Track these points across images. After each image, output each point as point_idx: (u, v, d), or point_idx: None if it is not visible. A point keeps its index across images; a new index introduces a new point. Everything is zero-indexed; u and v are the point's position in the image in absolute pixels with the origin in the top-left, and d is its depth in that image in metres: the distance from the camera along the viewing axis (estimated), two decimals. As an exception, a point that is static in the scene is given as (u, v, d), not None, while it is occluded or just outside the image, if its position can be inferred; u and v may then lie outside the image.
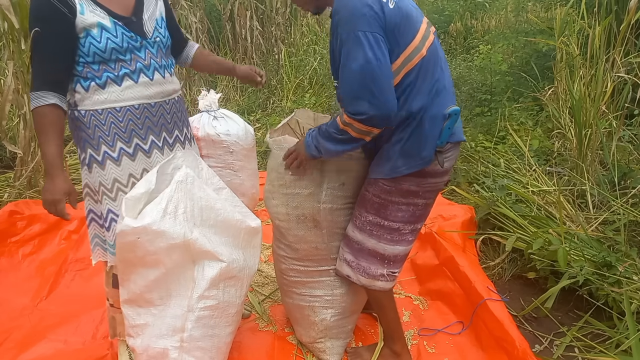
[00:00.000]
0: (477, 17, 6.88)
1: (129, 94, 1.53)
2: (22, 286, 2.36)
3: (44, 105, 1.43)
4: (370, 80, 1.39)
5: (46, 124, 1.44)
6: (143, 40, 1.54)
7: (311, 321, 1.90)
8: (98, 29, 1.45)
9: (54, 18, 1.40)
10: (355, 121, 1.45)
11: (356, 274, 1.75)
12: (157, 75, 1.59)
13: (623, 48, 3.25)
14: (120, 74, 1.51)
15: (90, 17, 1.44)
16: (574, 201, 2.82)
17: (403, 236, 1.69)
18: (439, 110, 1.54)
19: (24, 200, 2.93)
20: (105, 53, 1.47)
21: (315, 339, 1.92)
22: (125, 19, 1.51)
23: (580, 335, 2.01)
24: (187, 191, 1.56)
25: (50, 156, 1.45)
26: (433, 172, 1.59)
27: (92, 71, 1.49)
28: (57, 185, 1.48)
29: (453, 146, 1.63)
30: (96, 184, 1.60)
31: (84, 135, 1.55)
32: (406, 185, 1.60)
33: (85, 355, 1.91)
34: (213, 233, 1.65)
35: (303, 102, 5.00)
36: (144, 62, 1.55)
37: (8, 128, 3.56)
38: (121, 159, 1.57)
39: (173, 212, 1.54)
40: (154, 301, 1.67)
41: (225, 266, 1.64)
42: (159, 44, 1.61)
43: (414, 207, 1.65)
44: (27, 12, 2.87)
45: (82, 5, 1.44)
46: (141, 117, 1.58)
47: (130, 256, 1.56)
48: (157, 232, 1.52)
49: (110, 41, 1.47)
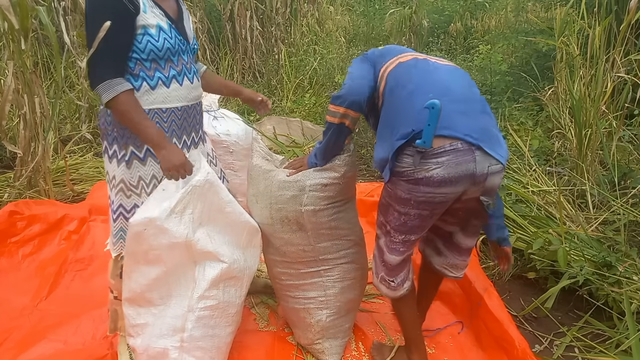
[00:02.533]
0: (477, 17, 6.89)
1: (174, 96, 1.62)
2: (22, 286, 2.36)
3: (127, 90, 1.50)
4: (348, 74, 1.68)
5: (136, 106, 1.52)
6: (187, 44, 1.65)
7: (307, 323, 1.90)
8: (156, 29, 1.53)
9: (120, 12, 1.46)
10: (330, 105, 1.63)
11: (374, 270, 1.75)
12: (195, 79, 1.70)
13: (623, 48, 3.24)
14: (169, 75, 1.59)
15: (151, 17, 1.52)
16: (574, 201, 2.82)
17: (393, 243, 1.61)
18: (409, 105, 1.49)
19: (24, 200, 2.93)
20: (160, 52, 1.54)
21: (313, 341, 1.91)
22: (176, 23, 1.61)
23: (580, 335, 2.01)
24: (201, 195, 1.59)
25: (153, 130, 1.53)
26: (424, 179, 1.44)
27: (145, 69, 1.55)
28: (174, 150, 1.56)
29: (453, 150, 1.42)
30: (135, 180, 1.65)
31: (127, 133, 1.60)
32: (399, 191, 1.52)
33: (85, 355, 1.91)
34: (217, 232, 1.66)
35: (303, 102, 5.00)
36: (186, 64, 1.64)
37: (8, 128, 3.56)
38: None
39: (180, 212, 1.57)
40: (154, 301, 1.68)
41: (226, 267, 1.65)
42: (195, 49, 1.73)
43: (405, 217, 1.54)
44: (27, 12, 2.88)
45: (144, 3, 1.51)
46: (181, 118, 1.66)
47: (136, 250, 1.59)
48: (161, 228, 1.55)
49: (167, 42, 1.55)
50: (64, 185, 3.44)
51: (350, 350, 1.98)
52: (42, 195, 3.16)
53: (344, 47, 6.24)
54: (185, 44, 1.64)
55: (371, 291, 2.35)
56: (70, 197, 3.36)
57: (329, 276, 1.85)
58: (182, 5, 1.71)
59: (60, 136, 3.95)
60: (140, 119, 1.52)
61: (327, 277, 1.85)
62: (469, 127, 1.45)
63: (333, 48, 5.93)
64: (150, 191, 1.65)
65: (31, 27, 2.98)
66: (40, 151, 3.10)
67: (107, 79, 1.47)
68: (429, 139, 1.41)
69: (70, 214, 2.87)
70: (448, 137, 1.43)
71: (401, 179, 1.50)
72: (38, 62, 4.43)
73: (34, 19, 3.15)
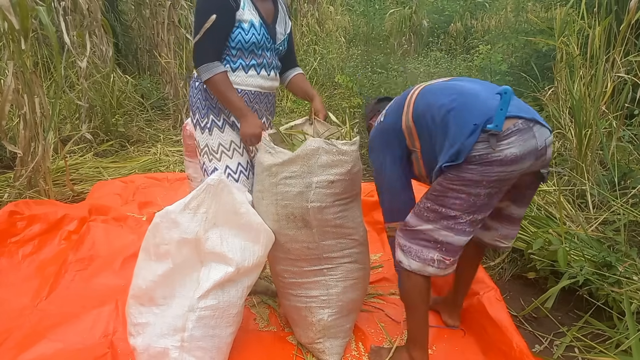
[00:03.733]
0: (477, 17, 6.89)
1: (250, 81, 1.90)
2: (22, 286, 2.36)
3: (222, 72, 1.81)
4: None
5: (228, 84, 1.83)
6: (273, 44, 1.93)
7: (309, 322, 1.89)
8: (249, 25, 1.81)
9: (225, 8, 1.76)
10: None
11: (408, 258, 1.73)
12: (272, 73, 1.97)
13: (623, 48, 3.24)
14: (250, 63, 1.88)
15: (247, 14, 1.81)
16: (574, 201, 2.82)
17: (459, 225, 1.63)
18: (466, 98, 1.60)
19: (24, 200, 2.93)
20: (246, 44, 1.83)
21: (313, 340, 1.91)
22: (267, 24, 1.89)
23: (580, 335, 2.01)
24: (215, 195, 1.63)
25: (239, 103, 1.83)
26: (498, 160, 1.51)
27: (230, 55, 1.86)
28: (253, 120, 1.84)
29: (520, 130, 1.52)
30: (215, 144, 1.93)
31: (209, 104, 1.92)
32: (469, 175, 1.55)
33: (85, 354, 1.91)
34: (232, 235, 1.67)
35: (303, 102, 5.00)
36: (268, 59, 1.93)
37: (8, 128, 3.57)
38: (236, 126, 1.92)
39: (194, 209, 1.62)
40: (157, 300, 1.68)
41: (231, 271, 1.66)
42: (280, 50, 1.99)
43: (474, 197, 1.58)
44: (27, 12, 2.88)
45: (245, 1, 1.81)
46: (254, 101, 1.95)
47: (150, 243, 1.66)
48: (174, 221, 1.61)
49: (254, 36, 1.83)
50: (64, 185, 3.45)
51: (350, 350, 1.98)
52: (42, 195, 3.17)
53: (344, 47, 6.24)
54: (271, 42, 1.91)
55: (371, 291, 2.35)
56: (70, 197, 3.36)
57: (332, 275, 1.85)
58: (281, 9, 1.98)
59: (60, 136, 3.95)
60: (229, 94, 1.82)
61: (330, 276, 1.85)
62: (518, 108, 1.58)
63: (333, 48, 5.94)
64: (231, 155, 1.92)
65: (31, 27, 2.98)
66: (40, 151, 3.10)
67: (207, 61, 1.79)
68: (501, 122, 1.50)
69: (70, 214, 2.87)
70: (510, 117, 1.52)
71: (471, 164, 1.54)
72: (38, 62, 4.43)
73: (34, 19, 3.15)
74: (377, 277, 2.48)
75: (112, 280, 2.41)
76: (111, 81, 4.68)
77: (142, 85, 5.47)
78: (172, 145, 4.46)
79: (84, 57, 3.99)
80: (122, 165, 3.94)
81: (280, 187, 1.72)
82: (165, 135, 4.74)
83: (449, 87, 1.69)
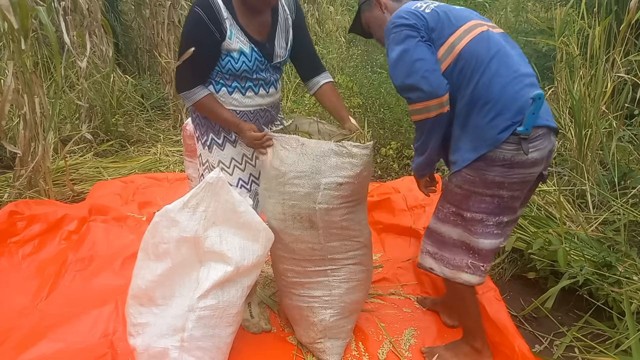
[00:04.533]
0: (477, 17, 6.87)
1: (249, 102, 1.85)
2: (22, 286, 2.36)
3: (207, 95, 1.79)
4: (404, 68, 1.60)
5: (214, 104, 1.81)
6: (269, 63, 1.84)
7: (310, 322, 1.89)
8: (238, 53, 1.75)
9: (207, 38, 1.70)
10: (410, 104, 1.62)
11: (440, 265, 1.76)
12: (272, 89, 1.91)
13: (623, 48, 3.24)
14: (246, 85, 1.83)
15: (235, 43, 1.73)
16: (574, 201, 2.82)
17: (487, 228, 1.65)
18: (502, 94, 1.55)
19: (24, 200, 2.93)
20: (237, 72, 1.78)
21: (314, 340, 1.91)
22: (260, 45, 1.79)
23: (580, 335, 2.01)
24: (214, 193, 1.62)
25: (230, 117, 1.81)
26: (520, 162, 1.55)
27: (224, 79, 1.81)
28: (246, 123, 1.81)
29: (543, 134, 1.57)
30: (215, 162, 1.92)
31: (208, 123, 1.89)
32: (491, 176, 1.58)
33: (85, 354, 1.91)
34: (231, 234, 1.67)
35: (303, 102, 4.99)
36: (264, 79, 1.86)
37: (8, 128, 3.56)
38: (237, 141, 1.91)
39: (193, 207, 1.62)
40: (156, 300, 1.68)
41: (231, 270, 1.65)
42: (275, 67, 1.89)
43: (498, 199, 1.61)
44: (27, 12, 2.88)
45: (231, 31, 1.72)
46: (254, 118, 1.90)
47: (149, 242, 1.65)
48: (173, 220, 1.60)
49: (245, 64, 1.76)
50: (64, 185, 3.45)
51: (350, 350, 1.98)
52: (42, 195, 3.16)
53: (344, 47, 6.23)
54: (267, 63, 1.82)
55: (371, 291, 2.35)
56: (70, 197, 3.36)
57: (335, 276, 1.85)
58: (282, 19, 1.85)
59: (60, 136, 3.95)
60: (217, 113, 1.81)
61: (334, 277, 1.85)
62: (547, 114, 1.61)
63: (333, 48, 5.93)
64: (232, 171, 1.91)
65: (31, 27, 2.98)
66: (40, 151, 3.10)
67: (186, 89, 1.78)
68: (531, 126, 1.52)
69: (70, 214, 2.87)
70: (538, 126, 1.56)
71: (494, 165, 1.56)
72: (38, 62, 4.43)
73: (34, 19, 3.15)
74: (377, 277, 2.48)
75: (112, 280, 2.41)
76: (111, 81, 4.68)
77: (142, 85, 5.46)
78: (172, 145, 4.45)
79: (84, 57, 3.98)
80: (122, 165, 3.94)
81: (288, 187, 1.71)
82: (165, 135, 4.73)
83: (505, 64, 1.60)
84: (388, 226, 2.88)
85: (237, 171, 1.93)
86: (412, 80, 1.58)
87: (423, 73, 1.57)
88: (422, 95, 1.57)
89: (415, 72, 1.57)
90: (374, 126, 3.99)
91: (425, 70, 1.57)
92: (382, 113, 4.03)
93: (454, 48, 1.61)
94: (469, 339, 1.86)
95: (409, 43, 1.60)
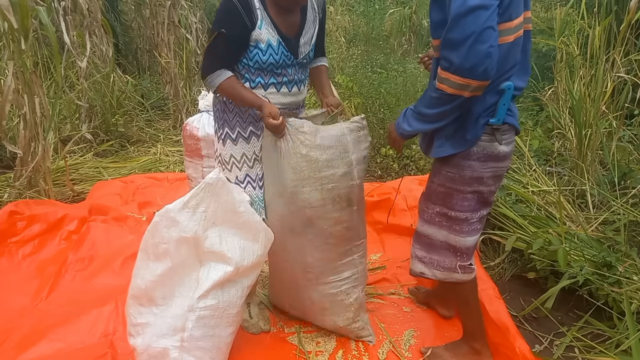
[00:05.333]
0: (477, 17, 6.86)
1: (269, 98, 1.82)
2: (22, 286, 2.36)
3: (229, 77, 1.78)
4: (477, 23, 1.32)
5: (236, 85, 1.79)
6: (295, 60, 1.83)
7: (346, 304, 1.94)
8: (266, 45, 1.74)
9: (238, 24, 1.70)
10: (451, 74, 1.40)
11: (430, 269, 1.78)
12: (295, 88, 1.89)
13: (623, 48, 3.24)
14: (269, 81, 1.82)
15: (264, 33, 1.73)
16: (574, 201, 2.82)
17: (471, 225, 1.69)
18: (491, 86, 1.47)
19: (24, 200, 2.93)
20: (264, 64, 1.77)
21: (353, 319, 1.97)
22: (288, 40, 1.79)
23: (580, 335, 2.01)
24: (214, 193, 1.63)
25: (251, 95, 1.79)
26: (493, 155, 1.59)
27: (249, 73, 1.81)
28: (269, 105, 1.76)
29: (510, 129, 1.60)
30: (227, 156, 1.92)
31: (225, 117, 1.90)
32: (469, 172, 1.61)
33: (85, 354, 1.91)
34: (231, 234, 1.67)
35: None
36: (289, 76, 1.85)
37: (8, 128, 3.56)
38: (251, 138, 1.90)
39: (193, 207, 1.62)
40: (156, 300, 1.68)
41: (231, 270, 1.65)
42: (304, 63, 1.90)
43: (478, 195, 1.65)
44: (27, 12, 2.88)
45: (261, 20, 1.73)
46: None
47: (149, 242, 1.65)
48: (173, 220, 1.60)
49: (272, 57, 1.77)
50: (64, 185, 3.45)
51: (350, 350, 1.99)
52: (42, 195, 3.16)
53: (344, 47, 6.23)
54: (292, 59, 1.82)
55: (371, 291, 2.36)
56: (70, 197, 3.36)
57: (357, 252, 1.93)
58: (310, 18, 1.86)
59: (60, 136, 3.95)
60: (240, 94, 1.78)
61: (357, 254, 1.93)
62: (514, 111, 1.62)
63: (333, 48, 5.93)
64: (241, 167, 1.90)
65: (31, 27, 2.98)
66: (40, 151, 3.10)
67: (211, 72, 1.77)
68: (503, 117, 1.55)
69: (70, 214, 2.87)
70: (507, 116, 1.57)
71: (470, 160, 1.59)
72: (38, 62, 4.43)
73: (34, 19, 3.15)
74: (377, 277, 2.48)
75: (112, 280, 2.41)
76: (111, 81, 4.68)
77: (142, 85, 5.46)
78: (172, 145, 4.46)
79: (84, 57, 3.98)
80: (122, 165, 3.94)
81: (325, 171, 1.75)
82: (165, 135, 4.73)
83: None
84: (388, 226, 2.88)
85: (246, 167, 1.93)
86: (477, 51, 1.33)
87: (489, 48, 1.34)
88: (475, 73, 1.37)
89: (483, 40, 1.33)
90: (374, 126, 3.99)
91: (491, 46, 1.34)
92: (382, 113, 4.03)
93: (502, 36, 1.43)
94: (469, 339, 1.87)
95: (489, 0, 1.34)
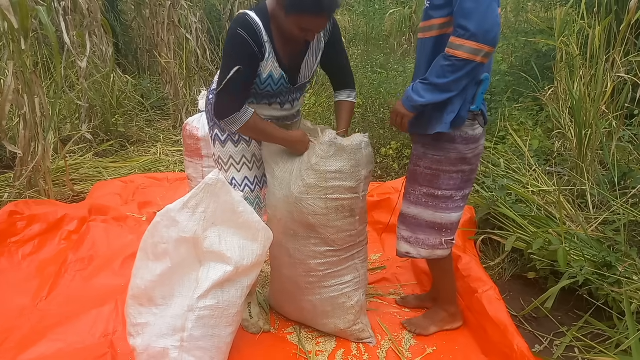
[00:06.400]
0: (477, 17, 6.86)
1: (260, 111, 1.86)
2: (22, 286, 2.36)
3: (249, 118, 1.78)
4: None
5: (262, 123, 1.82)
6: (292, 87, 1.87)
7: (347, 307, 1.97)
8: (267, 76, 1.77)
9: (254, 59, 1.72)
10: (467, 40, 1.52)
11: (415, 248, 1.93)
12: (288, 105, 1.93)
13: (623, 48, 3.24)
14: (261, 101, 1.87)
15: (269, 65, 1.75)
16: (574, 201, 2.82)
17: (455, 203, 1.86)
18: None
19: (24, 200, 2.93)
20: (260, 91, 1.82)
21: (354, 322, 1.99)
22: (289, 71, 1.81)
23: (580, 335, 2.01)
24: (214, 194, 1.63)
25: (279, 134, 1.84)
26: (472, 137, 1.77)
27: None
28: (299, 142, 1.84)
29: (481, 114, 1.79)
30: (225, 157, 1.93)
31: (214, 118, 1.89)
32: (454, 154, 1.77)
33: (85, 354, 1.91)
34: (230, 234, 1.68)
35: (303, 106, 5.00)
36: (283, 97, 1.89)
37: (8, 128, 3.56)
38: (251, 141, 1.93)
39: (193, 207, 1.62)
40: (156, 300, 1.68)
41: (230, 270, 1.66)
42: (298, 89, 1.93)
43: (462, 174, 1.81)
44: (27, 12, 2.88)
45: (269, 53, 1.74)
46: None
47: (149, 242, 1.66)
48: (173, 220, 1.61)
49: (270, 87, 1.80)
50: (64, 185, 3.45)
51: (350, 350, 1.99)
52: (42, 195, 3.17)
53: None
54: (290, 87, 1.86)
55: (371, 291, 2.36)
56: (70, 197, 3.36)
57: (358, 257, 1.97)
58: (314, 46, 1.84)
59: (60, 136, 3.95)
60: (266, 132, 1.83)
61: (358, 258, 1.97)
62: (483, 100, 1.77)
63: (333, 48, 5.92)
64: (240, 168, 1.93)
65: (31, 27, 2.98)
66: (40, 151, 3.10)
67: (235, 111, 1.75)
68: (480, 104, 1.73)
69: (70, 214, 2.87)
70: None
71: (455, 143, 1.76)
72: (38, 62, 4.43)
73: (34, 19, 3.15)
74: (377, 277, 2.48)
75: (112, 280, 2.41)
76: (111, 81, 4.68)
77: (142, 85, 5.46)
78: (172, 145, 4.46)
79: (84, 57, 3.98)
80: (122, 165, 3.94)
81: (331, 182, 1.78)
82: (165, 135, 4.74)
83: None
84: (388, 226, 2.87)
85: (245, 169, 1.95)
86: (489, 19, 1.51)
87: (497, 18, 1.53)
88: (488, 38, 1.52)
89: (493, 10, 1.52)
90: (374, 126, 3.99)
91: (498, 16, 1.54)
92: (382, 113, 4.03)
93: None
94: (445, 305, 2.06)
95: None
